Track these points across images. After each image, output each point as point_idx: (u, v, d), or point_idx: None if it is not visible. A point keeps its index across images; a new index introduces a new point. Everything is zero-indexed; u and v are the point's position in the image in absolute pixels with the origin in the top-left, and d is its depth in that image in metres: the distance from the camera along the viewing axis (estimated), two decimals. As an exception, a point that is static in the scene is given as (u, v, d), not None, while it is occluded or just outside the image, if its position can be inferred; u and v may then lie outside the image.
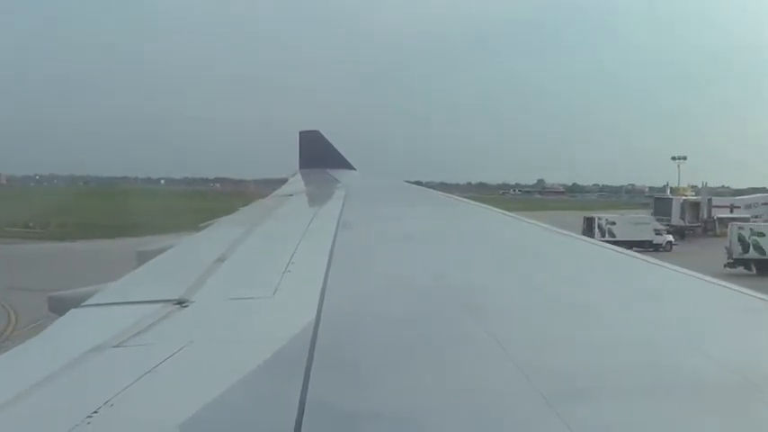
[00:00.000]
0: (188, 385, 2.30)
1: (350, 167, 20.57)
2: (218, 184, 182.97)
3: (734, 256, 48.26)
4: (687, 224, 76.72)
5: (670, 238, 61.40)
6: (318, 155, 21.13)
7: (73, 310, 3.31)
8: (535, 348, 2.69)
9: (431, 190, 18.28)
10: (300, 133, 22.48)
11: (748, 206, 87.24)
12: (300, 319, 2.96)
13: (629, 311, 3.34)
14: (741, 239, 49.71)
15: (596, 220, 59.32)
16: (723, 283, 4.08)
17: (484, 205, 10.70)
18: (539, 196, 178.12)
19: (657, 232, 60.76)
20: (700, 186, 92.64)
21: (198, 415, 1.98)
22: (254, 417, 2.00)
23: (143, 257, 6.14)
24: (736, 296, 3.75)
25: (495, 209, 9.99)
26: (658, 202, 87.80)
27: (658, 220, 68.05)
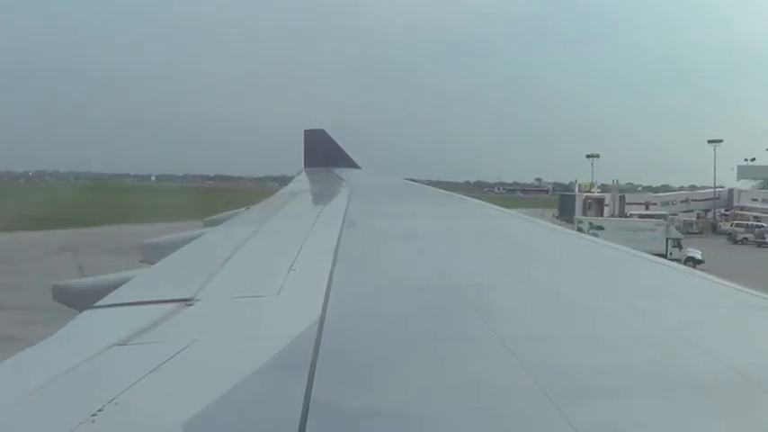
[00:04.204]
0: (192, 384, 2.30)
1: (355, 166, 20.57)
2: (211, 182, 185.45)
3: None
4: (591, 220, 78.86)
5: None
6: (323, 153, 21.10)
7: (86, 312, 3.33)
8: (540, 347, 2.69)
9: (431, 188, 18.37)
10: (305, 132, 22.39)
11: (666, 203, 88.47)
12: (305, 317, 2.96)
13: (632, 309, 3.34)
14: (580, 232, 49.54)
15: None
16: (725, 282, 4.09)
17: (482, 202, 10.78)
18: (521, 194, 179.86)
19: None
20: (611, 183, 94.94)
21: (202, 413, 1.98)
22: (258, 416, 2.00)
23: (147, 250, 6.23)
24: (740, 295, 3.76)
25: (495, 205, 10.12)
26: (563, 198, 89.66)
27: (563, 216, 68.27)
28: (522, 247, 6.13)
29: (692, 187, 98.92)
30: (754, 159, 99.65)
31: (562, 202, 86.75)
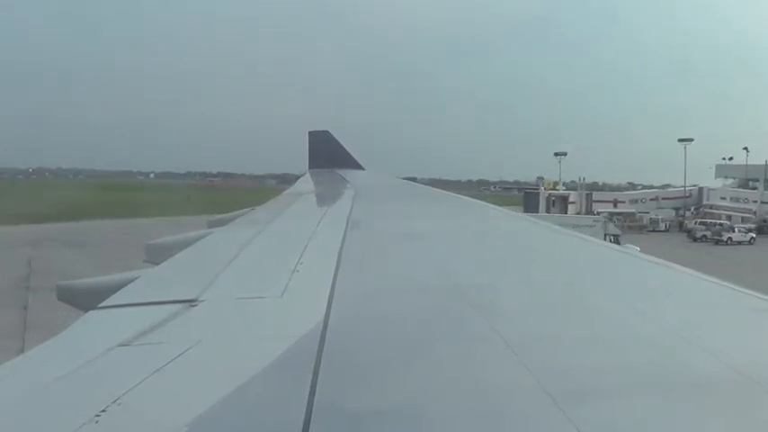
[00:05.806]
0: (195, 385, 2.32)
1: (359, 167, 20.59)
2: (215, 179, 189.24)
3: None
4: (554, 217, 79.32)
5: None
6: (328, 155, 21.14)
7: (91, 312, 3.35)
8: (543, 347, 2.69)
9: (431, 188, 18.46)
10: (310, 133, 22.42)
11: (634, 201, 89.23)
12: (309, 319, 2.97)
13: (633, 309, 3.34)
14: None
15: None
16: (726, 282, 4.09)
17: (485, 203, 10.82)
18: (516, 192, 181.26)
19: None
20: (578, 181, 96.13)
21: (206, 414, 2.00)
22: (262, 416, 2.01)
23: (151, 250, 6.26)
24: (740, 295, 3.77)
25: (497, 206, 10.16)
26: (527, 195, 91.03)
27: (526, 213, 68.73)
28: (522, 248, 6.14)
29: (693, 185, 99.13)
30: (731, 158, 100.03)
31: (526, 200, 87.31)
